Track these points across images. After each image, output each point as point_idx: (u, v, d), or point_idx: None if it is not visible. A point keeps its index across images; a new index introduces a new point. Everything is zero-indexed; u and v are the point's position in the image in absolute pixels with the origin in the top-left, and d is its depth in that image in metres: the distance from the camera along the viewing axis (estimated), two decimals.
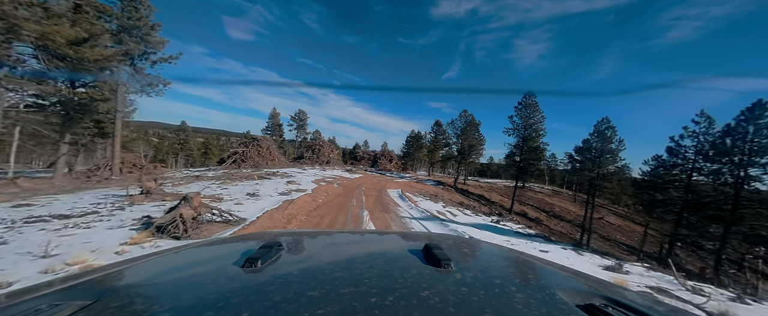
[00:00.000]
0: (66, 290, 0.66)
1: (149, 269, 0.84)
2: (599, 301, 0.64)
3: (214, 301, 0.55)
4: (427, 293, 0.60)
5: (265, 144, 26.95)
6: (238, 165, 23.36)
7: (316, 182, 16.10)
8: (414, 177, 34.03)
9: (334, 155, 36.66)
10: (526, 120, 26.38)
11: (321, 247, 1.08)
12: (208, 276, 0.73)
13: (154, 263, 0.88)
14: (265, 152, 26.41)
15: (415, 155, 53.04)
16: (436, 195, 20.05)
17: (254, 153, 25.23)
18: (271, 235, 1.18)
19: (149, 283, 0.72)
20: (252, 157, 24.85)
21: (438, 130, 46.40)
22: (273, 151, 27.60)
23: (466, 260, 0.97)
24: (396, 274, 0.72)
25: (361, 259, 0.90)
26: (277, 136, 47.53)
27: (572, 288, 0.76)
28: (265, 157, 26.11)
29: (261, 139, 27.85)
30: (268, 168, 23.43)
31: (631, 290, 0.89)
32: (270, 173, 19.09)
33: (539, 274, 0.89)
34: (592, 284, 0.84)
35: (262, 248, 0.85)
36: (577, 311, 0.57)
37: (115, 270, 0.81)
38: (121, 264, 0.88)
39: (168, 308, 0.53)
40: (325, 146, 36.92)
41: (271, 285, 0.62)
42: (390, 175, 32.83)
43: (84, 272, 0.80)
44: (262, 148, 26.28)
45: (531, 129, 26.45)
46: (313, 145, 36.69)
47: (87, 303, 0.55)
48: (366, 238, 1.29)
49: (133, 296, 0.61)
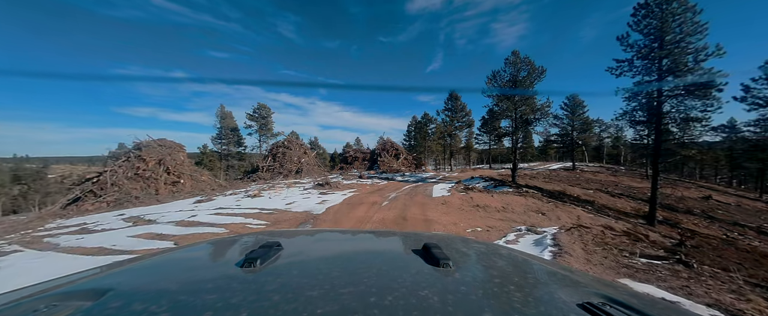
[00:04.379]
0: (64, 291, 0.66)
1: (148, 269, 0.83)
2: (597, 299, 0.63)
3: (213, 301, 0.54)
4: (426, 292, 0.59)
5: (148, 157, 13.53)
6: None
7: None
8: (449, 178, 20.88)
9: (308, 159, 23.23)
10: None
11: (320, 246, 1.09)
12: (207, 276, 0.72)
13: (153, 263, 0.87)
14: (154, 171, 13.04)
15: (422, 146, 39.91)
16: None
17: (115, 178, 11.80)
18: (269, 234, 1.18)
19: (148, 283, 0.71)
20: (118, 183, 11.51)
21: (455, 105, 33.34)
22: (179, 167, 14.25)
23: (465, 259, 0.97)
24: (395, 273, 0.73)
25: (360, 258, 0.92)
26: (231, 147, 34.02)
27: (570, 286, 0.77)
28: (152, 178, 12.76)
29: (140, 152, 14.38)
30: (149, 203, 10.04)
31: (629, 288, 0.94)
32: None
33: (538, 273, 0.87)
34: (590, 282, 0.84)
35: (261, 248, 0.84)
36: (576, 310, 0.57)
37: (114, 270, 0.80)
38: (120, 264, 0.87)
39: (166, 308, 0.52)
40: (294, 148, 23.55)
41: (271, 285, 0.61)
42: (406, 179, 19.62)
43: (83, 272, 0.79)
44: (141, 166, 12.87)
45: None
46: (276, 151, 23.29)
47: (85, 304, 0.55)
48: (365, 237, 1.29)
49: (131, 296, 0.60)
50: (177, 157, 14.74)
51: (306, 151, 24.23)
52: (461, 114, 33.29)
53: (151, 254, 0.98)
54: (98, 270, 0.82)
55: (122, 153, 13.83)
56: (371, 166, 29.58)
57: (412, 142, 44.07)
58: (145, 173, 12.93)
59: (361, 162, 32.38)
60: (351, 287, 0.61)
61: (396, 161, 28.32)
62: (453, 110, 33.33)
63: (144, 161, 13.32)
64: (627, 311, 0.57)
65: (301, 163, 21.96)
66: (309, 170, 21.74)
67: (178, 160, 14.66)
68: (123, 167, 12.88)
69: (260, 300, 0.54)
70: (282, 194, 11.06)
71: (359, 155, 33.53)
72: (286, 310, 0.50)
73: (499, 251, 1.07)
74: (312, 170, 22.12)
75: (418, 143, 42.24)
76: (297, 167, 21.44)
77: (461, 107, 33.39)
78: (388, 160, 27.95)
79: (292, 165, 21.61)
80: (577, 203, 12.84)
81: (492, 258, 0.99)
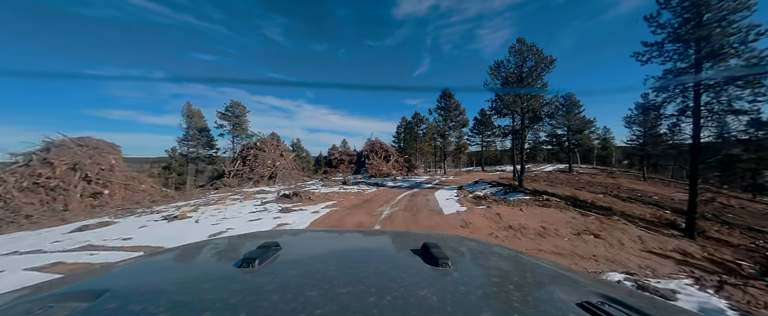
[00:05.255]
0: (61, 292, 0.65)
1: (145, 269, 0.82)
2: (596, 298, 0.63)
3: (211, 301, 0.54)
4: (426, 292, 0.59)
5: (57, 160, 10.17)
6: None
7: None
8: (447, 183, 18.30)
9: (284, 162, 20.08)
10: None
11: (319, 246, 1.08)
12: (206, 276, 0.72)
13: (150, 263, 0.87)
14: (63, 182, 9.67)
15: (413, 148, 37.39)
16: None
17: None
18: (268, 235, 1.17)
19: (145, 284, 0.70)
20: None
21: (449, 103, 31.00)
22: (106, 174, 10.88)
23: (464, 258, 0.96)
24: (394, 273, 0.72)
25: (359, 258, 0.91)
26: (199, 149, 30.24)
27: (569, 286, 0.76)
28: (61, 189, 9.41)
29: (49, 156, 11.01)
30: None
31: (628, 288, 0.93)
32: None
33: (537, 272, 0.87)
34: (589, 281, 0.83)
35: (259, 248, 0.83)
36: (575, 309, 0.56)
37: (111, 271, 0.80)
38: (117, 265, 0.86)
39: (164, 309, 0.52)
40: (268, 150, 20.35)
41: (269, 285, 0.61)
42: (399, 185, 16.86)
43: (79, 274, 0.79)
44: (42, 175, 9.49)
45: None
46: (246, 153, 20.01)
47: (82, 305, 0.54)
48: (364, 237, 1.29)
49: (129, 297, 0.59)
50: (104, 160, 11.34)
51: (283, 154, 21.06)
52: (455, 112, 30.98)
53: (148, 254, 0.99)
54: (95, 271, 0.81)
55: (23, 156, 10.33)
56: (358, 169, 26.67)
57: (401, 144, 41.47)
58: (49, 183, 9.54)
59: (347, 165, 29.42)
60: (350, 287, 0.60)
61: (386, 163, 25.54)
62: (446, 109, 30.98)
63: (51, 166, 9.92)
64: (626, 310, 0.56)
65: (275, 167, 18.79)
66: (285, 175, 18.60)
67: (105, 164, 11.27)
68: (17, 174, 9.44)
69: (259, 300, 0.54)
70: (224, 213, 7.97)
71: (345, 158, 30.54)
72: (285, 310, 0.50)
73: (497, 251, 1.08)
74: (289, 175, 18.99)
75: (408, 145, 39.69)
76: (270, 172, 18.26)
77: (455, 106, 31.09)
78: (376, 163, 25.12)
79: (264, 169, 18.42)
80: (605, 212, 10.49)
81: (491, 258, 1.00)
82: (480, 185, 14.99)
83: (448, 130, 31.80)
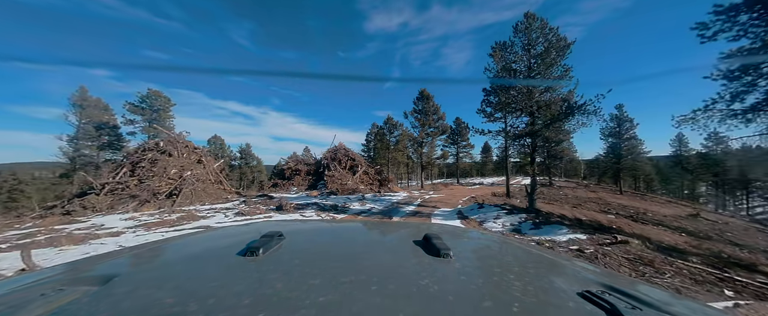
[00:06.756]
0: (71, 276, 0.66)
1: (153, 256, 0.84)
2: (597, 287, 0.63)
3: (216, 288, 0.55)
4: (427, 281, 0.59)
5: None
6: None
7: None
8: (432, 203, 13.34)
9: (200, 172, 13.70)
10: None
11: (322, 236, 1.10)
12: (211, 264, 0.73)
13: (157, 251, 0.88)
14: None
15: (385, 159, 32.53)
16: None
17: None
18: (272, 224, 1.19)
19: (153, 270, 0.72)
20: None
21: (427, 106, 26.74)
22: None
23: (465, 249, 0.97)
24: (396, 263, 0.74)
25: (361, 248, 0.93)
26: (93, 151, 22.23)
27: (570, 275, 0.77)
28: None
29: None
30: None
31: (627, 277, 0.92)
32: None
33: (538, 263, 0.86)
34: (590, 271, 0.83)
35: (263, 237, 0.84)
36: (576, 298, 0.57)
37: (119, 257, 0.81)
38: (126, 251, 0.88)
39: (171, 294, 0.53)
40: (177, 154, 13.87)
41: (273, 273, 0.61)
42: (368, 208, 11.52)
43: (89, 259, 0.80)
44: None
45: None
46: (139, 157, 13.32)
47: (92, 289, 0.56)
48: (367, 228, 1.31)
49: (136, 282, 0.60)
50: None
51: (202, 160, 14.64)
52: (434, 117, 26.71)
53: (155, 242, 0.98)
54: (104, 257, 0.82)
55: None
56: (315, 183, 20.85)
57: (371, 154, 36.42)
58: None
59: (304, 177, 23.39)
60: (352, 276, 0.61)
61: (351, 176, 20.08)
62: (424, 113, 26.64)
63: None
64: (627, 299, 0.56)
65: (182, 179, 12.43)
66: (197, 191, 12.30)
67: None
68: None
69: (263, 288, 0.54)
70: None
71: (302, 168, 24.45)
72: (289, 297, 0.50)
73: (499, 242, 1.09)
74: (203, 191, 12.71)
75: (379, 155, 34.73)
76: (171, 187, 11.88)
77: (434, 109, 26.89)
78: (339, 174, 19.56)
79: (162, 183, 11.99)
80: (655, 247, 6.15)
81: (492, 249, 1.00)
82: (487, 209, 10.29)
83: (425, 138, 27.44)
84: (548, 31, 12.49)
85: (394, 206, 12.47)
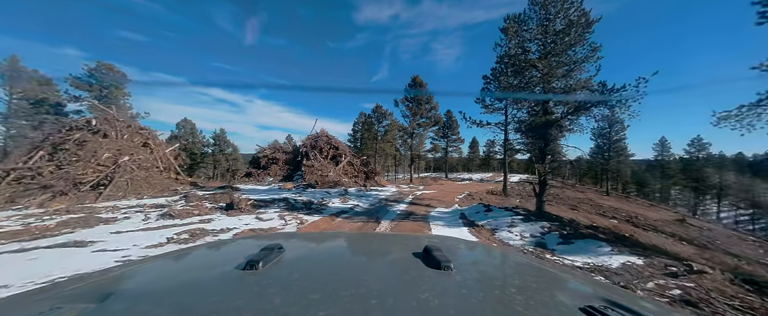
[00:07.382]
0: (68, 293, 0.66)
1: (151, 272, 0.83)
2: (599, 303, 0.62)
3: (215, 303, 0.54)
4: (428, 295, 0.59)
5: None
6: None
7: None
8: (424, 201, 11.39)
9: (143, 158, 11.09)
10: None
11: (322, 249, 1.09)
12: (210, 279, 0.72)
13: (155, 266, 0.87)
14: None
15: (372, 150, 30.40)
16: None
17: None
18: (271, 237, 1.19)
19: (151, 286, 0.70)
20: None
21: (419, 96, 24.69)
22: None
23: (466, 262, 0.95)
24: (396, 276, 0.74)
25: (361, 261, 0.92)
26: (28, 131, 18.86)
27: (572, 290, 0.76)
28: None
29: None
30: None
31: (630, 293, 0.90)
32: None
33: (539, 276, 0.85)
34: (593, 286, 0.82)
35: (262, 251, 0.83)
36: (578, 313, 0.56)
37: (118, 273, 0.80)
38: (124, 267, 0.87)
39: (169, 311, 0.53)
40: (113, 134, 11.19)
41: (272, 287, 0.61)
42: (351, 207, 9.43)
43: (87, 275, 0.80)
44: None
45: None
46: (65, 137, 10.58)
47: (89, 306, 0.55)
48: (366, 240, 1.31)
49: (135, 298, 0.60)
50: None
51: (149, 143, 12.00)
52: (427, 107, 24.72)
53: (153, 257, 0.97)
54: (101, 273, 0.82)
55: None
56: (292, 174, 18.51)
57: (357, 145, 34.13)
58: None
59: (282, 166, 20.96)
60: (352, 290, 0.61)
61: (333, 166, 17.86)
62: (416, 101, 24.62)
63: None
64: (628, 315, 0.55)
65: (117, 165, 9.87)
66: (134, 181, 9.79)
67: None
68: None
69: (262, 303, 0.54)
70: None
71: (280, 157, 21.91)
72: (288, 312, 0.50)
73: (500, 254, 1.07)
74: (147, 180, 10.20)
75: (366, 145, 32.54)
76: (99, 176, 9.32)
77: (427, 99, 24.91)
78: (319, 164, 17.29)
79: (89, 170, 9.41)
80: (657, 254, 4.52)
81: (493, 261, 0.99)
82: (497, 212, 8.43)
83: (416, 129, 25.47)
84: (569, 5, 10.55)
85: (381, 203, 10.44)
